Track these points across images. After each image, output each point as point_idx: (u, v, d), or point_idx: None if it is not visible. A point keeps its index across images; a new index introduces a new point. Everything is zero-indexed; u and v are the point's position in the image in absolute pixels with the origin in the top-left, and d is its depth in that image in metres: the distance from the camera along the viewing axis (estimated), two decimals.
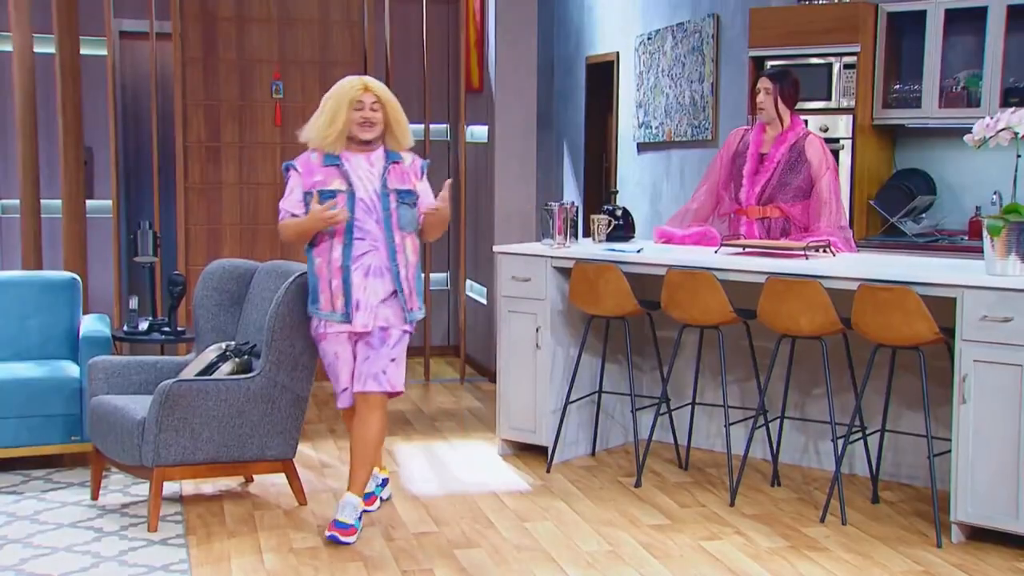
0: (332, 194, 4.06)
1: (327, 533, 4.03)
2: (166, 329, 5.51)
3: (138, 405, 4.28)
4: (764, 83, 5.04)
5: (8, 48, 6.10)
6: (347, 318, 4.07)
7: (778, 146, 5.03)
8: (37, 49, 5.97)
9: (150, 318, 5.65)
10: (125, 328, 5.61)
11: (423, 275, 7.04)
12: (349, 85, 4.16)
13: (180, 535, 4.08)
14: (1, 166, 6.80)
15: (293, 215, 4.14)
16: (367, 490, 4.25)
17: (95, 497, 4.45)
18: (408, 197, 4.15)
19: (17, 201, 6.11)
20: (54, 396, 4.75)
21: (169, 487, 4.52)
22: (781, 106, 5.02)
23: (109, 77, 6.38)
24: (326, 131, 4.11)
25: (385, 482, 4.50)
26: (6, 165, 6.81)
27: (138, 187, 7.24)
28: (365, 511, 4.21)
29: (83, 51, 6.15)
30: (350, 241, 4.06)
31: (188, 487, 4.64)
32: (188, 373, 4.44)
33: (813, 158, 4.97)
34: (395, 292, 4.09)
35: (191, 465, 4.22)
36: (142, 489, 4.55)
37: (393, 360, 4.10)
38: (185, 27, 6.48)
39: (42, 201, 6.04)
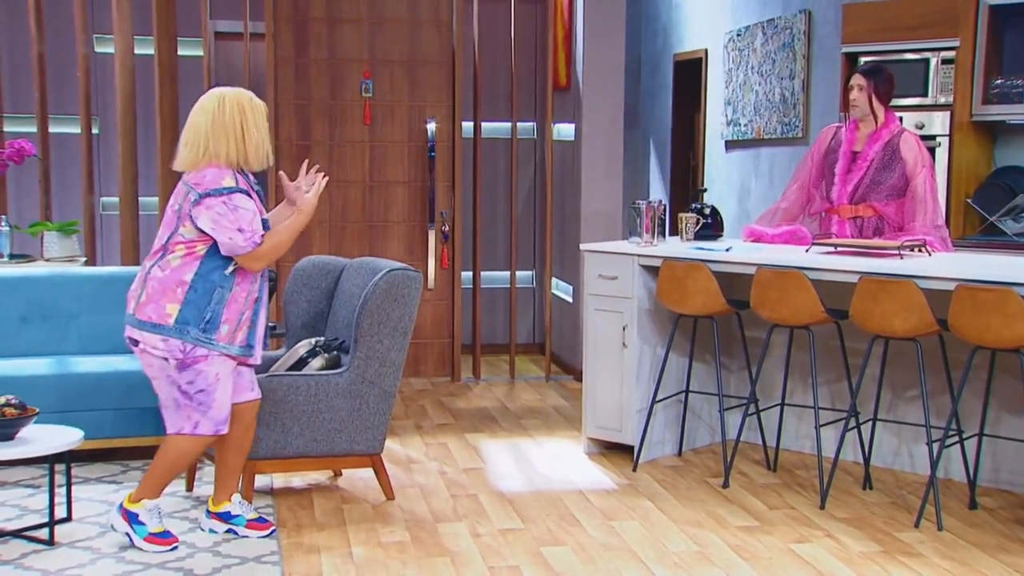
0: (266, 224, 3.87)
1: (262, 534, 4.00)
2: None
3: None
4: (858, 79, 4.95)
5: (111, 50, 6.28)
6: (249, 352, 3.89)
7: (872, 144, 4.93)
8: (137, 51, 6.13)
9: None
10: None
11: (511, 272, 7.10)
12: (256, 102, 3.88)
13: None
14: (102, 164, 7.00)
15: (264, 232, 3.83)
16: (257, 515, 4.10)
17: (190, 488, 4.55)
18: None
19: (116, 199, 6.29)
20: (150, 389, 4.86)
21: (260, 480, 4.61)
22: (875, 103, 4.92)
23: (205, 77, 6.52)
24: (261, 145, 3.84)
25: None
26: (107, 163, 7.01)
27: None
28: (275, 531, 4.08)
29: (180, 52, 6.31)
30: (265, 273, 3.92)
31: (278, 480, 4.72)
32: (279, 368, 4.52)
33: (908, 156, 4.87)
34: None
35: (281, 459, 4.30)
36: None
37: None
38: (278, 28, 6.59)
39: (140, 198, 6.21)
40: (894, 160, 4.89)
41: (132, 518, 3.90)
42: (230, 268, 3.81)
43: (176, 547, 3.90)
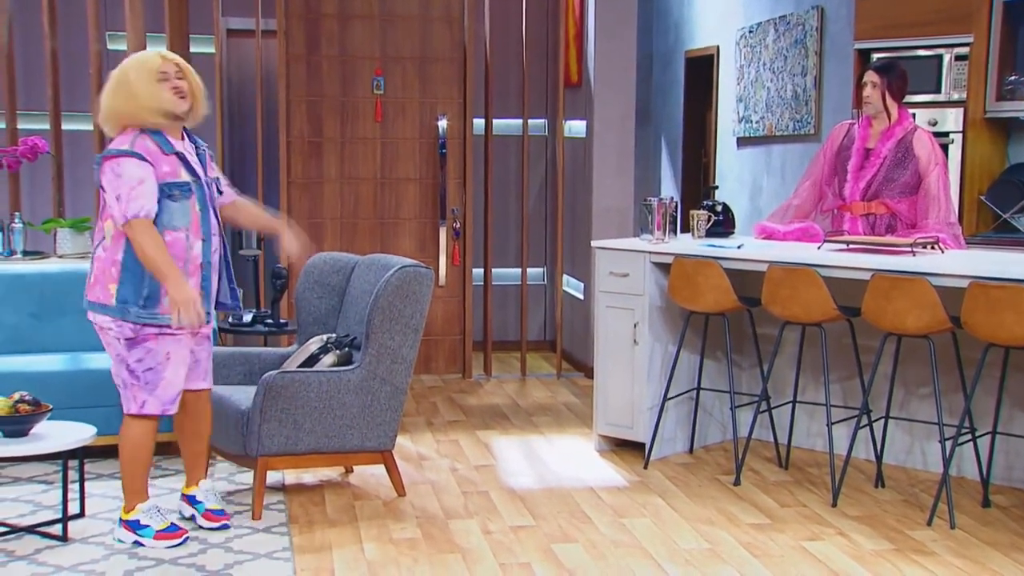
0: (188, 187, 3.81)
1: (212, 525, 4.04)
2: (269, 321, 5.62)
3: (242, 396, 4.38)
4: (871, 76, 4.94)
5: (123, 47, 6.29)
6: (206, 319, 3.87)
7: (885, 141, 4.92)
8: (149, 48, 6.14)
9: (254, 310, 5.78)
10: (230, 320, 5.75)
11: (522, 269, 7.10)
12: (145, 58, 3.84)
13: (283, 523, 4.16)
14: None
15: (149, 217, 3.73)
16: (221, 505, 4.14)
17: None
18: (218, 185, 4.00)
19: None
20: None
21: (272, 476, 4.62)
22: (888, 100, 4.91)
23: (216, 74, 6.54)
24: (159, 100, 3.78)
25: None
26: None
27: (243, 182, 7.35)
28: (228, 526, 4.09)
29: (192, 49, 6.32)
30: (208, 237, 3.86)
31: (290, 477, 4.73)
32: (290, 365, 4.53)
33: (921, 153, 4.85)
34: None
35: (293, 455, 4.31)
36: (246, 478, 4.66)
37: None
38: (290, 25, 6.60)
39: None
40: (907, 157, 4.88)
41: (135, 525, 3.93)
42: None
43: (187, 538, 3.93)
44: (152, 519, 3.92)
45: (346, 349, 4.50)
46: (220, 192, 4.04)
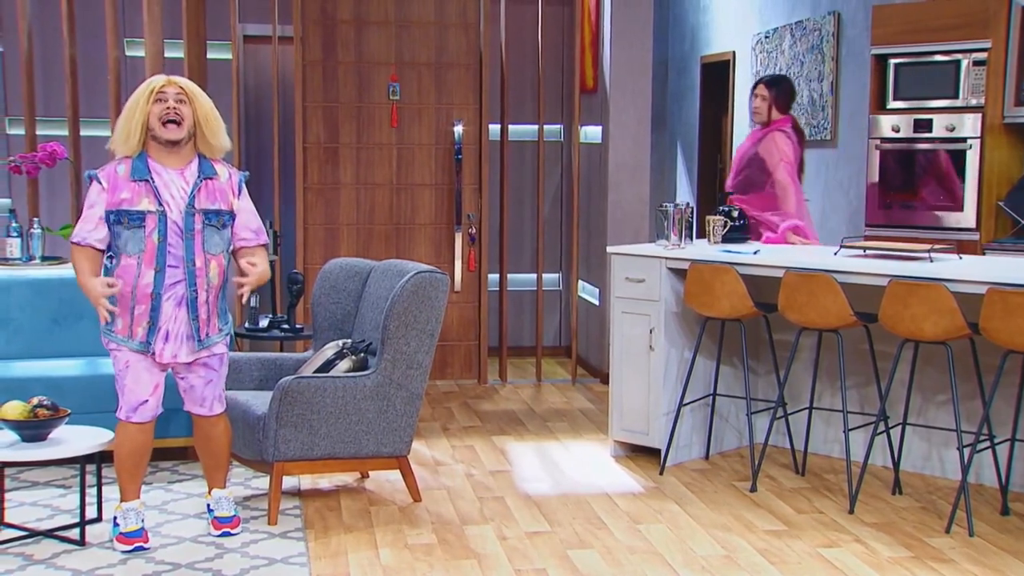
0: (140, 216, 3.76)
1: (215, 533, 4.07)
2: (285, 326, 5.64)
3: (258, 401, 4.39)
4: (761, 90, 5.49)
5: (141, 54, 6.33)
6: (147, 347, 3.83)
7: (751, 144, 5.51)
8: (167, 54, 6.17)
9: (270, 315, 5.79)
10: (246, 325, 5.77)
11: (538, 275, 7.10)
12: (151, 80, 3.85)
13: (299, 528, 4.17)
14: None
15: (86, 244, 3.80)
16: (230, 513, 4.12)
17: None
18: (216, 218, 3.86)
19: None
20: (176, 390, 4.89)
21: (287, 481, 4.63)
22: (775, 112, 5.41)
23: (234, 80, 6.56)
24: (124, 130, 3.80)
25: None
26: None
27: (259, 187, 7.41)
28: (229, 533, 4.09)
29: (209, 55, 6.35)
30: (163, 268, 3.79)
31: (306, 482, 4.74)
32: (306, 370, 4.54)
33: (764, 153, 5.37)
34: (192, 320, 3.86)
35: (309, 460, 4.32)
36: (262, 482, 4.67)
37: (224, 377, 4.10)
38: (306, 31, 6.63)
39: None
40: (755, 158, 5.38)
41: (113, 522, 4.01)
42: (107, 260, 3.87)
43: (140, 547, 3.92)
44: (125, 520, 3.96)
45: (362, 354, 4.51)
46: (225, 226, 3.92)
